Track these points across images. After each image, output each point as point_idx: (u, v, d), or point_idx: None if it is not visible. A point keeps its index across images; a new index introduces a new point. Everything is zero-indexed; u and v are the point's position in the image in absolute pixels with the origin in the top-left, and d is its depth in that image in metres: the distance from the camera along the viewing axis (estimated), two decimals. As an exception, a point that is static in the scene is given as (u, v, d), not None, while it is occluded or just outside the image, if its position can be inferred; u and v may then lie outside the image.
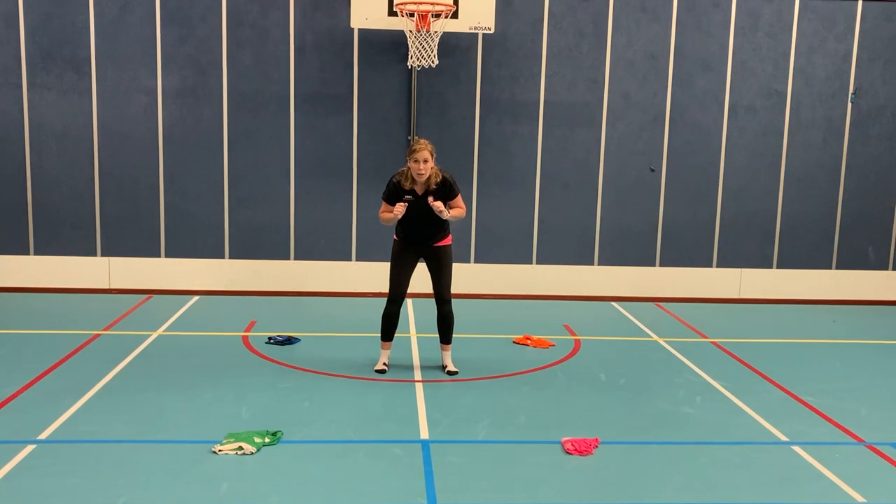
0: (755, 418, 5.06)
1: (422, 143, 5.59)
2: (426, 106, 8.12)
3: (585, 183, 8.35)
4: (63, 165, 7.99)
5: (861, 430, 4.89)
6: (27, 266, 8.07)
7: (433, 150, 5.61)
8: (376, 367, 5.84)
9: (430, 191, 5.63)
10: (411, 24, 7.29)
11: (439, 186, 5.64)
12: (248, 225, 8.19)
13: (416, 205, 5.61)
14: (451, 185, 5.70)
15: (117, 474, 4.04)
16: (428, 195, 5.62)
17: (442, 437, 4.62)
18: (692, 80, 8.26)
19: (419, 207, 5.61)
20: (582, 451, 4.43)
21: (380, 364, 5.87)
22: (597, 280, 8.46)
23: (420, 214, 5.64)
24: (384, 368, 5.85)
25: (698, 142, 8.36)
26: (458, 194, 5.76)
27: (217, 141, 8.07)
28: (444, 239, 5.81)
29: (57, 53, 7.83)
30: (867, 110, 8.39)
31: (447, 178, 5.69)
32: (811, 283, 8.60)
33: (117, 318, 7.17)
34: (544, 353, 6.43)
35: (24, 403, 5.00)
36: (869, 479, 4.20)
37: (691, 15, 8.16)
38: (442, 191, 5.66)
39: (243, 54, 7.96)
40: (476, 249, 8.39)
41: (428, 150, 5.56)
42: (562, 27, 8.11)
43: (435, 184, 5.62)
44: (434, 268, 5.83)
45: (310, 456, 4.33)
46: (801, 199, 8.50)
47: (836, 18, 8.23)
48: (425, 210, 5.61)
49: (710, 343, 6.88)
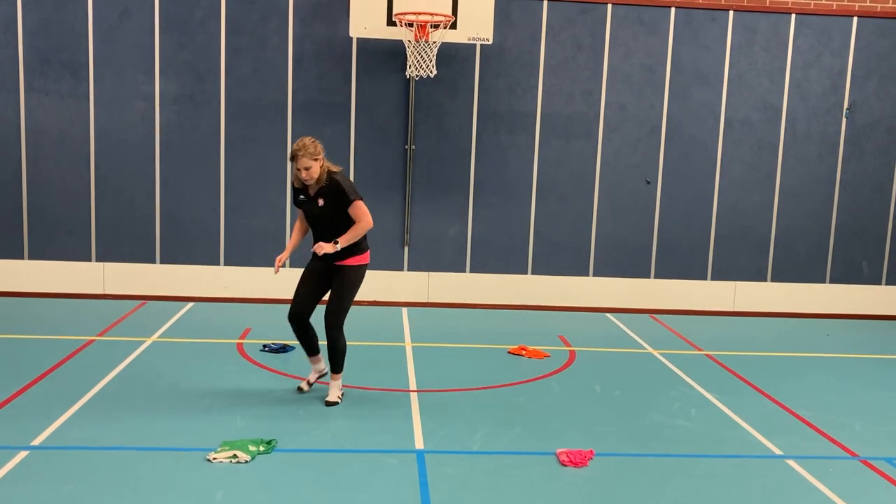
0: (749, 431, 5.07)
1: (301, 147, 4.86)
2: (424, 116, 8.14)
3: (581, 194, 8.38)
4: (59, 170, 7.98)
5: (855, 445, 4.90)
6: (22, 271, 8.04)
7: (317, 152, 4.90)
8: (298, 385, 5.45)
9: (320, 192, 4.99)
10: (410, 33, 7.31)
11: (326, 189, 4.97)
12: (244, 232, 8.19)
13: (310, 209, 5.05)
14: (342, 192, 4.95)
15: (111, 481, 4.02)
16: (318, 198, 4.98)
17: (437, 447, 4.61)
18: (688, 93, 8.30)
19: (314, 212, 5.05)
20: (577, 462, 4.43)
21: (302, 382, 5.46)
22: (592, 291, 8.48)
23: (315, 220, 5.07)
24: (304, 388, 5.40)
25: (694, 155, 8.40)
26: (353, 201, 4.97)
27: (214, 148, 8.06)
28: (347, 258, 5.08)
29: (55, 58, 7.82)
30: (861, 126, 8.44)
31: (337, 181, 4.95)
32: (805, 296, 8.63)
33: (111, 323, 7.15)
34: (539, 363, 6.43)
35: (17, 409, 4.98)
36: (862, 494, 4.21)
37: (688, 28, 8.21)
38: (330, 194, 4.97)
39: (242, 62, 7.97)
40: (472, 259, 8.39)
41: (308, 154, 4.86)
42: (560, 39, 8.14)
43: (322, 182, 4.96)
44: (332, 287, 5.13)
45: (304, 465, 4.32)
46: (796, 212, 8.54)
47: (832, 34, 8.29)
48: (320, 214, 5.03)
49: (705, 355, 6.89)
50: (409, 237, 8.31)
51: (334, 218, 5.05)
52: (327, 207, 5.03)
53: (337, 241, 4.98)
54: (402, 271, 8.35)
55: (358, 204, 5.01)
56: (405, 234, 8.29)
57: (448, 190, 8.26)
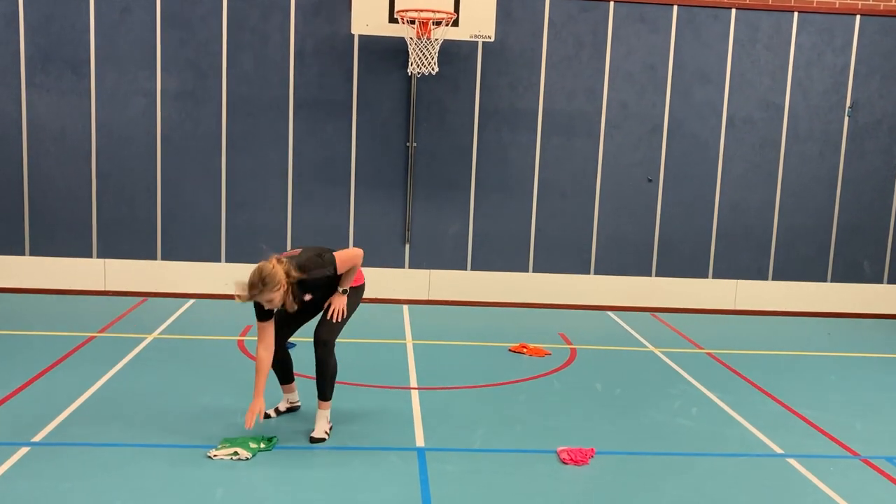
0: (750, 430, 5.06)
1: (253, 290, 4.21)
2: (425, 113, 8.13)
3: (583, 192, 8.37)
4: (60, 166, 7.98)
5: (856, 444, 4.90)
6: (23, 267, 8.04)
7: (275, 283, 4.19)
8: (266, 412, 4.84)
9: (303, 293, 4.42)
10: (412, 31, 7.30)
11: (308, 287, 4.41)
12: (246, 228, 8.18)
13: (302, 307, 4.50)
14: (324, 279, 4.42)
15: (111, 478, 4.02)
16: (304, 294, 4.43)
17: (438, 445, 4.61)
18: (690, 91, 8.29)
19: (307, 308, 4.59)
20: (577, 460, 4.43)
21: (270, 409, 4.90)
22: (593, 289, 8.47)
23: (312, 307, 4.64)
24: (271, 414, 4.88)
25: (696, 153, 8.39)
26: (334, 265, 4.40)
27: (215, 144, 8.06)
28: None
29: (56, 55, 7.82)
30: (864, 124, 8.43)
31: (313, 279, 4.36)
32: (807, 295, 8.62)
33: (113, 320, 7.15)
34: (540, 361, 6.43)
35: (18, 405, 4.98)
36: (863, 494, 4.21)
37: (690, 26, 8.20)
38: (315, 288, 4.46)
39: (243, 58, 7.96)
40: (472, 257, 8.39)
41: (266, 292, 4.20)
42: (561, 37, 8.13)
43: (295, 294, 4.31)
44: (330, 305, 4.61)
45: (305, 462, 4.32)
46: (798, 211, 8.53)
47: (835, 32, 8.27)
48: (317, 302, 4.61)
49: (706, 354, 6.89)
50: (410, 234, 8.31)
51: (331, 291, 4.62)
52: (319, 294, 4.58)
53: (345, 290, 4.61)
54: (403, 269, 8.35)
55: (341, 261, 4.46)
56: (406, 232, 8.29)
57: (449, 187, 8.26)
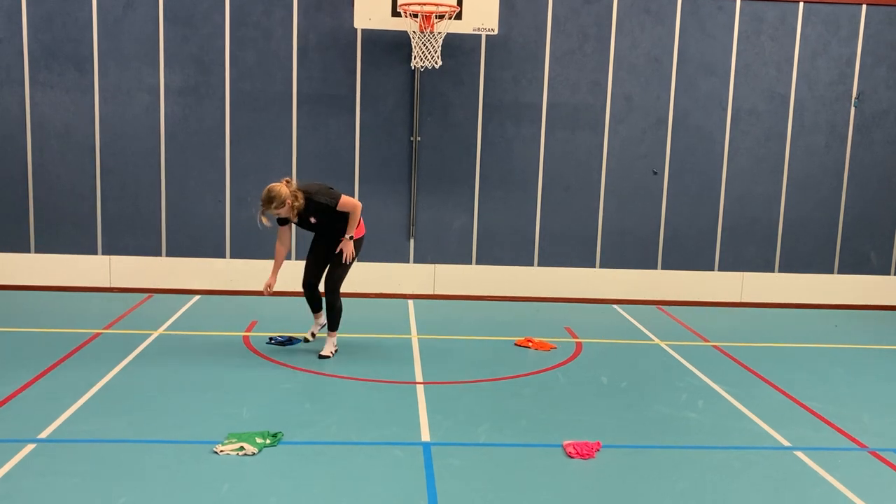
0: (757, 423, 5.05)
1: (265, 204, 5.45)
2: (429, 107, 8.11)
3: (587, 185, 8.34)
4: (64, 163, 7.98)
5: (864, 436, 4.88)
6: (28, 264, 8.06)
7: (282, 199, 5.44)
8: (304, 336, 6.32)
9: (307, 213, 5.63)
10: (415, 24, 7.28)
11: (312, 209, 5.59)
12: (250, 224, 8.17)
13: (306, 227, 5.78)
14: (326, 206, 5.59)
15: (118, 474, 4.02)
16: (308, 217, 5.63)
17: (443, 439, 4.61)
18: (695, 83, 8.25)
19: (311, 227, 5.77)
20: (584, 454, 4.42)
21: (307, 333, 6.30)
22: (599, 282, 8.45)
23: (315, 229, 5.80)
24: (308, 338, 6.24)
25: (701, 145, 8.35)
26: (337, 202, 5.60)
27: (219, 140, 8.06)
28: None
29: (59, 51, 7.82)
30: (870, 115, 8.38)
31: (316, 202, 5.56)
32: (813, 287, 8.59)
33: (118, 317, 7.16)
34: (546, 355, 6.42)
35: (24, 402, 4.98)
36: (871, 485, 4.19)
37: (695, 18, 8.15)
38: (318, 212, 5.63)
39: (246, 54, 7.95)
40: (477, 251, 8.38)
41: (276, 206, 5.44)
42: (565, 29, 8.10)
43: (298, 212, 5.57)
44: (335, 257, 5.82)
45: (310, 457, 4.32)
46: (804, 203, 8.49)
47: (840, 23, 8.22)
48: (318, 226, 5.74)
49: (712, 347, 6.87)
50: (415, 229, 8.29)
51: (332, 222, 5.73)
52: (322, 220, 5.72)
53: (350, 237, 5.71)
54: (408, 263, 8.34)
55: (343, 201, 5.60)
56: (411, 227, 8.27)
57: (454, 181, 8.24)
